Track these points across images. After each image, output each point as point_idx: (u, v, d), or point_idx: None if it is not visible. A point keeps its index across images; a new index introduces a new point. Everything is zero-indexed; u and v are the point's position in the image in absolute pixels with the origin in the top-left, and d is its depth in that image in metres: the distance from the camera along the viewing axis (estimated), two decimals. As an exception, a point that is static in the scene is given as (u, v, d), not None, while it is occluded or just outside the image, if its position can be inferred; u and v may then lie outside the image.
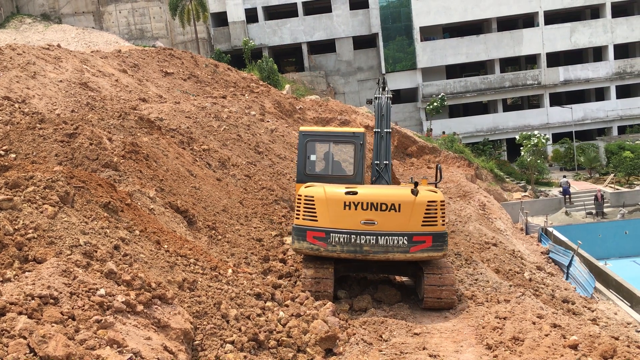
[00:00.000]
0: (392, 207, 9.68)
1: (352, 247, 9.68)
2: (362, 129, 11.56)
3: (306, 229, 9.85)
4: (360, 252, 9.71)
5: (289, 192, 16.45)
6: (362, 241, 9.64)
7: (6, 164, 9.92)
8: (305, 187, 10.20)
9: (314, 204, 9.85)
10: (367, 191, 10.00)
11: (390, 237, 9.63)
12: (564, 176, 39.98)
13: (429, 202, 9.83)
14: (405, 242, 9.64)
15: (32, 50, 18.61)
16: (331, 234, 9.73)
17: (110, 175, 11.08)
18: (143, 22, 47.97)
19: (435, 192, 10.16)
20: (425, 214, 9.77)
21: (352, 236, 9.66)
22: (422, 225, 9.72)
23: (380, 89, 12.48)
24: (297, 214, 10.09)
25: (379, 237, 9.63)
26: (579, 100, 51.55)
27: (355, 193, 9.79)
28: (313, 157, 11.21)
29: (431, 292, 9.95)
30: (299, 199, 10.07)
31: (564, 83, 50.10)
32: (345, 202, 9.71)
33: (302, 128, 11.51)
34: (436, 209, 9.86)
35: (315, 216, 9.82)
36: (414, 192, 9.84)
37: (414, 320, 9.53)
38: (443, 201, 10.03)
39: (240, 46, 47.59)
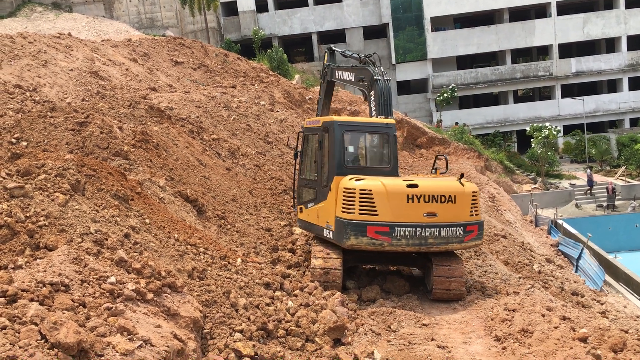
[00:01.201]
0: (450, 199, 9.78)
1: (417, 240, 9.66)
2: (393, 120, 11.04)
3: (366, 224, 9.59)
4: (425, 245, 9.71)
5: (298, 182, 16.44)
6: (427, 234, 9.66)
7: (18, 151, 9.99)
8: (356, 181, 9.81)
9: (372, 198, 9.62)
10: (426, 184, 10.00)
11: (450, 229, 9.77)
12: (590, 167, 39.56)
13: (473, 192, 10.12)
14: (461, 232, 9.85)
15: (43, 39, 18.65)
16: (396, 228, 9.60)
17: (121, 164, 11.12)
18: (153, 11, 47.94)
19: (470, 183, 10.50)
20: (472, 204, 10.05)
21: (418, 229, 9.62)
22: (470, 215, 10.00)
23: (380, 70, 11.60)
24: (348, 209, 9.72)
25: (442, 229, 9.71)
26: (590, 92, 51.10)
27: (416, 186, 9.74)
28: (351, 149, 10.87)
29: (440, 284, 9.94)
30: (351, 193, 9.76)
31: (576, 74, 49.67)
32: (408, 196, 9.63)
33: (336, 118, 10.90)
34: (477, 199, 10.22)
35: (376, 210, 9.60)
36: (462, 184, 10.06)
37: (423, 311, 9.53)
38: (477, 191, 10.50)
39: (250, 36, 47.48)
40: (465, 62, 53.37)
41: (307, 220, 11.11)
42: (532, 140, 40.89)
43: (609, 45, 51.51)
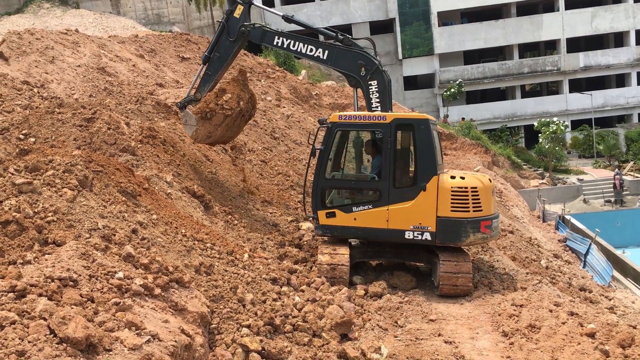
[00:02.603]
0: (493, 192, 10.66)
1: (497, 231, 10.61)
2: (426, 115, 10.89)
3: (480, 219, 9.94)
4: (497, 234, 10.83)
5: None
6: (497, 224, 10.56)
7: (26, 147, 10.04)
8: (461, 179, 10.04)
9: (479, 195, 9.98)
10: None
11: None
12: (619, 166, 39.19)
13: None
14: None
15: (51, 35, 18.71)
16: (492, 221, 10.23)
17: (128, 159, 11.16)
18: (160, 7, 47.98)
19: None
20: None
21: (496, 220, 10.51)
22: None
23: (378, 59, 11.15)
24: (461, 207, 9.87)
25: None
26: (599, 86, 50.82)
27: (490, 181, 10.53)
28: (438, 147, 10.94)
29: (447, 280, 9.92)
30: (463, 191, 9.88)
31: (584, 69, 49.40)
32: (492, 190, 10.43)
33: (422, 115, 10.62)
34: None
35: (481, 206, 10.00)
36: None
37: (430, 307, 9.53)
38: None
39: (257, 31, 47.36)
40: (472, 57, 53.16)
41: (354, 225, 10.22)
42: (539, 135, 40.72)
43: (618, 39, 51.18)
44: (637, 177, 38.78)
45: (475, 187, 9.96)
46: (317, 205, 10.42)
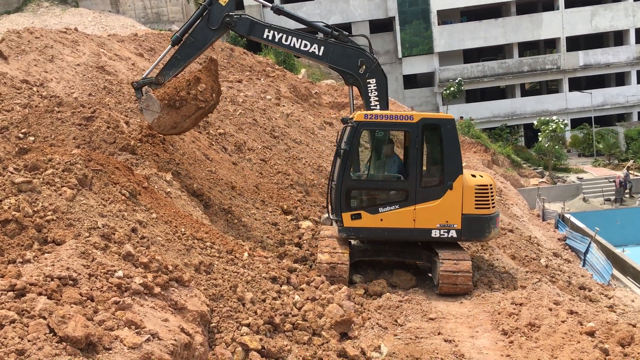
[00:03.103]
0: None
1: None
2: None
3: (496, 216, 10.54)
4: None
5: (305, 176, 16.44)
6: None
7: (25, 146, 10.03)
8: (480, 177, 10.48)
9: (494, 193, 10.50)
10: None
11: None
12: (628, 167, 39.19)
13: None
14: None
15: (50, 34, 18.68)
16: (498, 218, 10.76)
17: (128, 158, 11.15)
18: (159, 5, 47.93)
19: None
20: None
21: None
22: None
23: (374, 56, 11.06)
24: (484, 205, 10.21)
25: None
26: (598, 85, 50.84)
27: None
28: None
29: (446, 279, 9.92)
30: (484, 189, 10.25)
31: (584, 68, 49.39)
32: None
33: (447, 115, 10.80)
34: None
35: (495, 203, 10.55)
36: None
37: (429, 305, 9.53)
38: None
39: (256, 30, 47.33)
40: (472, 55, 53.16)
41: (380, 226, 10.16)
42: (539, 134, 40.72)
43: (617, 38, 51.17)
44: (637, 175, 38.80)
45: (492, 185, 10.45)
46: (342, 207, 10.16)
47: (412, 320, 8.81)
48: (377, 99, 10.98)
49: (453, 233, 10.15)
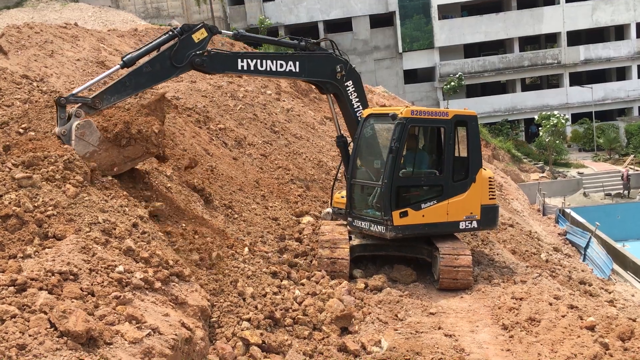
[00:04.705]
0: None
1: None
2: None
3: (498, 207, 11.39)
4: None
5: (305, 171, 16.44)
6: None
7: (25, 142, 10.00)
8: (485, 170, 10.91)
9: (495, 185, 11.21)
10: None
11: None
12: (630, 168, 39.16)
13: None
14: None
15: (50, 29, 18.66)
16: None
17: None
18: (159, 0, 47.84)
19: None
20: None
21: None
22: None
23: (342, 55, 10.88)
24: (493, 195, 10.90)
25: None
26: (599, 79, 50.77)
27: None
28: None
29: (447, 273, 9.93)
30: (492, 181, 10.98)
31: (585, 62, 49.31)
32: None
33: (470, 112, 10.94)
34: None
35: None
36: None
37: (430, 300, 9.55)
38: None
39: (256, 25, 47.35)
40: (472, 50, 53.09)
41: (422, 222, 10.21)
42: (539, 128, 40.69)
43: (618, 32, 51.08)
44: (637, 170, 38.78)
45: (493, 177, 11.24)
46: (392, 206, 10.03)
47: (412, 315, 8.82)
48: (357, 100, 10.94)
49: (475, 223, 10.63)
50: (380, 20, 51.11)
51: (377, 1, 50.12)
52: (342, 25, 51.34)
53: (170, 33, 9.54)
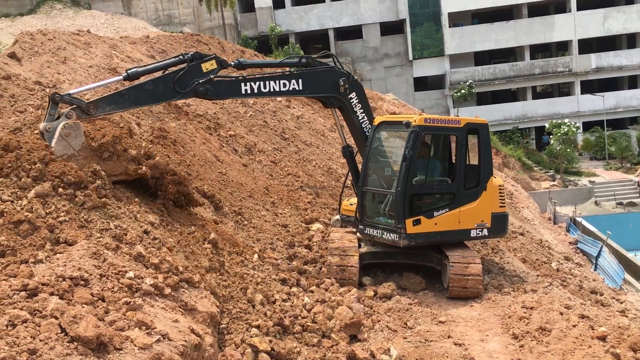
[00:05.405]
0: None
1: None
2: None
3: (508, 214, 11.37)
4: None
5: (315, 178, 16.45)
6: None
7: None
8: (495, 178, 10.90)
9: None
10: None
11: None
12: None
13: None
14: None
15: (63, 36, 18.83)
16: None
17: (139, 160, 11.19)
18: (171, 7, 48.22)
19: None
20: None
21: None
22: None
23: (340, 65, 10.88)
24: (503, 203, 10.91)
25: None
26: (611, 88, 50.47)
27: None
28: None
29: (457, 282, 9.88)
30: (502, 189, 10.97)
31: (596, 70, 49.08)
32: None
33: (481, 120, 11.03)
34: None
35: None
36: None
37: (439, 308, 9.50)
38: None
39: (267, 32, 47.58)
40: (483, 58, 53.00)
41: (434, 230, 10.18)
42: (550, 137, 40.50)
43: (630, 40, 50.83)
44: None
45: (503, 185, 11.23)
46: (405, 214, 9.99)
47: (421, 323, 8.79)
48: (362, 111, 10.89)
49: (485, 231, 10.61)
50: (390, 28, 51.18)
51: (387, 9, 50.23)
52: (353, 32, 51.46)
53: (181, 57, 9.48)
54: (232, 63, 10.09)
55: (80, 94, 9.48)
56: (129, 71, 9.33)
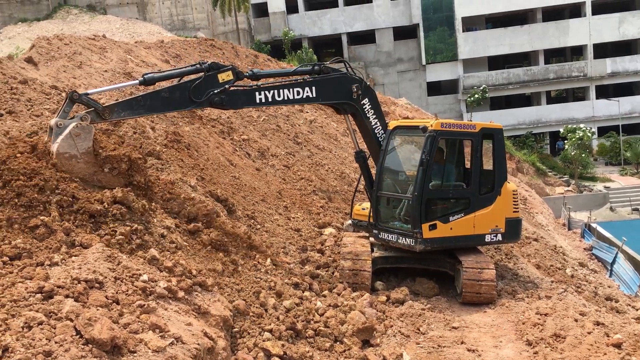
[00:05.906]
0: None
1: None
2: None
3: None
4: None
5: (327, 182, 16.46)
6: None
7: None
8: (509, 183, 10.88)
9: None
10: None
11: None
12: None
13: None
14: None
15: (79, 41, 19.03)
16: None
17: (153, 163, 11.28)
18: (185, 12, 48.57)
19: None
20: None
21: None
22: None
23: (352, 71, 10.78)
24: (517, 208, 10.87)
25: None
26: (626, 92, 50.00)
27: None
28: None
29: (470, 287, 9.82)
30: (515, 194, 10.94)
31: (611, 75, 48.67)
32: None
33: (496, 125, 11.08)
34: None
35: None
36: None
37: (452, 314, 9.45)
38: None
39: (280, 37, 47.74)
40: (497, 62, 52.76)
41: (449, 235, 10.16)
42: (565, 142, 40.20)
43: (646, 45, 50.32)
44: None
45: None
46: (421, 218, 9.95)
47: (434, 329, 8.74)
48: (375, 117, 10.85)
49: (499, 237, 10.55)
50: (403, 33, 51.14)
51: (400, 13, 50.21)
52: (366, 37, 51.49)
53: (198, 66, 9.47)
54: (247, 74, 10.06)
55: (97, 96, 9.47)
56: (145, 76, 9.35)
